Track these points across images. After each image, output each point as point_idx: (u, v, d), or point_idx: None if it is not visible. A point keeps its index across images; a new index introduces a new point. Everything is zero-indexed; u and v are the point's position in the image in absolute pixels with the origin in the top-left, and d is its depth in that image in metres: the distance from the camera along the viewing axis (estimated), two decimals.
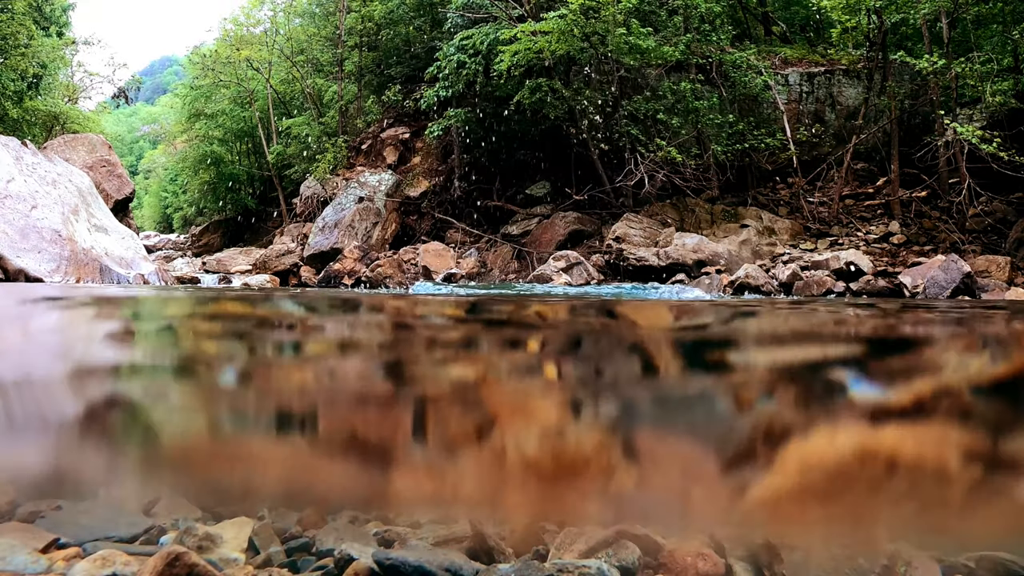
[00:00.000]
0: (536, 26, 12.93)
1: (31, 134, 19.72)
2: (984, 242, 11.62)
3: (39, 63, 21.15)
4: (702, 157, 13.62)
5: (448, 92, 14.87)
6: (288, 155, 21.83)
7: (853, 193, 13.67)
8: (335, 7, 21.12)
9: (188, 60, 28.17)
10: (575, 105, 13.68)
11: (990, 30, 12.02)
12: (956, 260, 9.71)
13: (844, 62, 14.60)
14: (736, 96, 14.05)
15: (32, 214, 9.91)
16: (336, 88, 20.63)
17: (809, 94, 14.87)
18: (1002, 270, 10.17)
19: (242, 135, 27.42)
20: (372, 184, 17.18)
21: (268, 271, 15.99)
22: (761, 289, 10.54)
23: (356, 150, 19.03)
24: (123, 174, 17.98)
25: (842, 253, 11.15)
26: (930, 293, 9.50)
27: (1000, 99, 10.95)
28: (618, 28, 12.59)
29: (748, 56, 13.70)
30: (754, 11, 17.58)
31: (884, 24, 12.82)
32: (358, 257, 14.63)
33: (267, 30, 24.96)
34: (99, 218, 11.73)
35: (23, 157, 10.98)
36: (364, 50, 20.02)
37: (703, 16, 13.83)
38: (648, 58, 13.09)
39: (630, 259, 12.14)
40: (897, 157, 12.82)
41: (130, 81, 28.15)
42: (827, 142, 14.23)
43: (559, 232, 14.32)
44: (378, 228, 16.54)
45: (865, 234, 12.43)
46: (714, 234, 12.89)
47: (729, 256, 11.92)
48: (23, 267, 9.13)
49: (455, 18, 16.09)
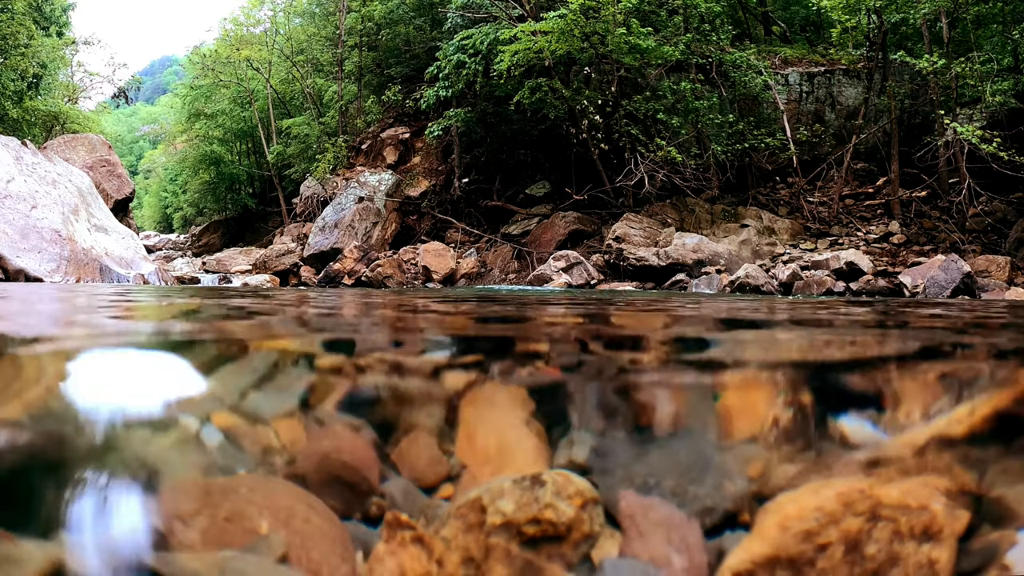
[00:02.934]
0: (536, 26, 12.93)
1: (31, 134, 19.72)
2: (984, 242, 11.62)
3: (39, 63, 21.17)
4: (702, 157, 13.63)
5: (448, 92, 14.88)
6: (288, 155, 21.85)
7: (853, 193, 13.67)
8: (335, 7, 21.13)
9: (188, 60, 28.18)
10: (575, 105, 13.69)
11: (990, 30, 12.02)
12: (956, 260, 9.71)
13: (844, 62, 14.60)
14: (736, 96, 14.05)
15: (32, 214, 9.91)
16: (336, 88, 20.64)
17: (809, 94, 14.87)
18: (1002, 270, 10.17)
19: (242, 135, 27.44)
20: (372, 184, 17.18)
21: (268, 271, 15.99)
22: (761, 289, 10.54)
23: (356, 150, 19.04)
24: (123, 174, 17.99)
25: (842, 253, 11.15)
26: (930, 293, 9.50)
27: (1000, 99, 10.95)
28: (618, 28, 12.60)
29: (748, 56, 13.70)
30: (754, 11, 17.58)
31: (884, 24, 12.82)
32: (358, 257, 14.64)
33: (267, 30, 24.99)
34: (99, 218, 11.73)
35: (23, 157, 10.98)
36: (364, 50, 20.04)
37: (703, 16, 13.82)
38: (648, 58, 13.09)
39: (630, 259, 12.14)
40: (897, 157, 12.82)
41: (130, 81, 28.17)
42: (827, 142, 14.23)
43: (559, 232, 14.33)
44: (378, 228, 16.55)
45: (865, 234, 12.44)
46: (714, 234, 12.89)
47: (729, 256, 11.92)
48: (23, 267, 9.13)
49: (455, 18, 16.10)
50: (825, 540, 1.02)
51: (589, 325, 2.95)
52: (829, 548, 1.01)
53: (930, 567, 1.02)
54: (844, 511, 1.04)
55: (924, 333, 2.74)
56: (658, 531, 1.09)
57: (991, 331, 2.91)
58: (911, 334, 2.71)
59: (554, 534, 1.06)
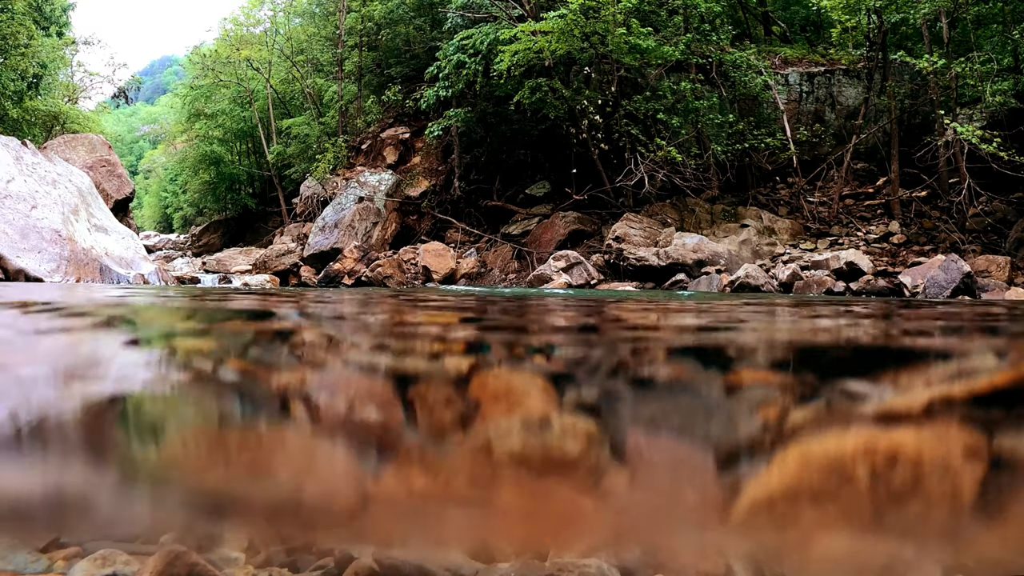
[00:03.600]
0: (536, 26, 12.93)
1: (31, 134, 19.71)
2: (984, 242, 11.62)
3: (39, 63, 21.15)
4: (702, 157, 13.62)
5: (448, 92, 14.87)
6: (288, 155, 21.83)
7: (853, 193, 13.67)
8: (335, 7, 21.12)
9: (188, 60, 28.17)
10: (575, 105, 13.68)
11: (990, 30, 12.02)
12: (956, 260, 9.70)
13: (844, 62, 14.60)
14: (736, 96, 14.04)
15: (32, 214, 9.91)
16: (336, 88, 20.63)
17: (809, 94, 14.87)
18: (1002, 270, 10.16)
19: (242, 135, 27.42)
20: (372, 184, 17.18)
21: (268, 271, 15.98)
22: (761, 289, 10.54)
23: (356, 150, 19.03)
24: (123, 174, 17.97)
25: (842, 253, 11.15)
26: (930, 293, 9.50)
27: (1000, 99, 10.94)
28: (618, 28, 12.59)
29: (748, 56, 13.69)
30: (754, 11, 17.57)
31: (884, 24, 12.82)
32: (358, 257, 14.63)
33: (267, 30, 24.97)
34: (99, 218, 11.72)
35: (23, 157, 10.97)
36: (364, 50, 20.02)
37: (703, 16, 13.82)
38: (648, 58, 13.09)
39: (630, 259, 12.14)
40: (897, 157, 12.82)
41: (130, 81, 28.15)
42: (827, 142, 14.23)
43: (559, 232, 14.32)
44: (378, 228, 16.54)
45: (865, 234, 12.43)
46: (714, 234, 12.89)
47: (729, 256, 11.92)
48: (23, 267, 9.13)
49: (455, 18, 16.09)
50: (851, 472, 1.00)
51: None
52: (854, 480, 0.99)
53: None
54: (867, 450, 1.03)
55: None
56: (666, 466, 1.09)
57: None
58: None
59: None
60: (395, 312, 3.49)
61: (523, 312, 3.65)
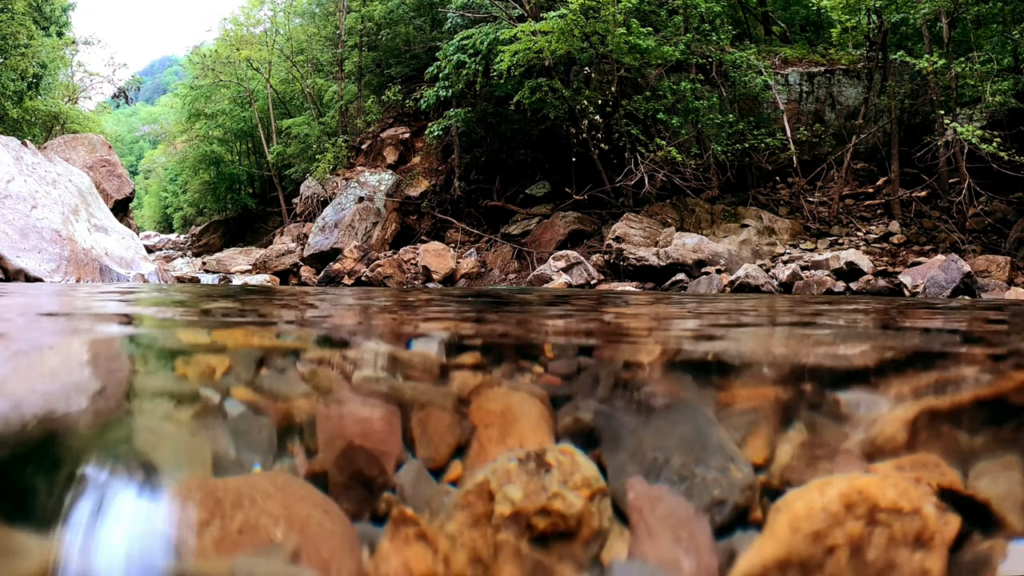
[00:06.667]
0: (536, 26, 12.93)
1: (31, 134, 19.73)
2: (984, 242, 11.62)
3: (39, 63, 21.17)
4: (702, 157, 13.62)
5: (448, 92, 14.88)
6: (288, 155, 21.84)
7: (853, 193, 13.67)
8: (335, 7, 21.13)
9: (188, 60, 28.17)
10: (575, 105, 13.68)
11: (990, 30, 12.02)
12: (956, 260, 9.70)
13: (844, 62, 14.60)
14: (736, 96, 14.04)
15: (32, 214, 9.92)
16: (336, 88, 20.64)
17: (809, 94, 14.87)
18: (1002, 270, 10.16)
19: (242, 135, 27.44)
20: (372, 184, 17.18)
21: (268, 271, 15.99)
22: (761, 289, 10.54)
23: (356, 150, 19.03)
24: (123, 174, 17.99)
25: (842, 253, 11.15)
26: (930, 293, 9.50)
27: (1000, 99, 10.94)
28: (618, 28, 12.59)
29: (748, 56, 13.70)
30: (754, 11, 17.58)
31: (884, 24, 12.82)
32: (358, 257, 14.64)
33: (267, 30, 24.98)
34: (99, 218, 11.73)
35: (23, 157, 10.98)
36: (364, 50, 20.03)
37: (703, 16, 13.82)
38: (648, 58, 13.09)
39: (630, 259, 12.14)
40: (897, 157, 12.82)
41: (130, 81, 28.16)
42: (827, 142, 14.23)
43: (559, 232, 14.32)
44: (378, 228, 16.54)
45: (865, 234, 12.43)
46: (714, 234, 12.89)
47: (729, 256, 11.92)
48: (23, 267, 9.14)
49: (455, 18, 16.09)
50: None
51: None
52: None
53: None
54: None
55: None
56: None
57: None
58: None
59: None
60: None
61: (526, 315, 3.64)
